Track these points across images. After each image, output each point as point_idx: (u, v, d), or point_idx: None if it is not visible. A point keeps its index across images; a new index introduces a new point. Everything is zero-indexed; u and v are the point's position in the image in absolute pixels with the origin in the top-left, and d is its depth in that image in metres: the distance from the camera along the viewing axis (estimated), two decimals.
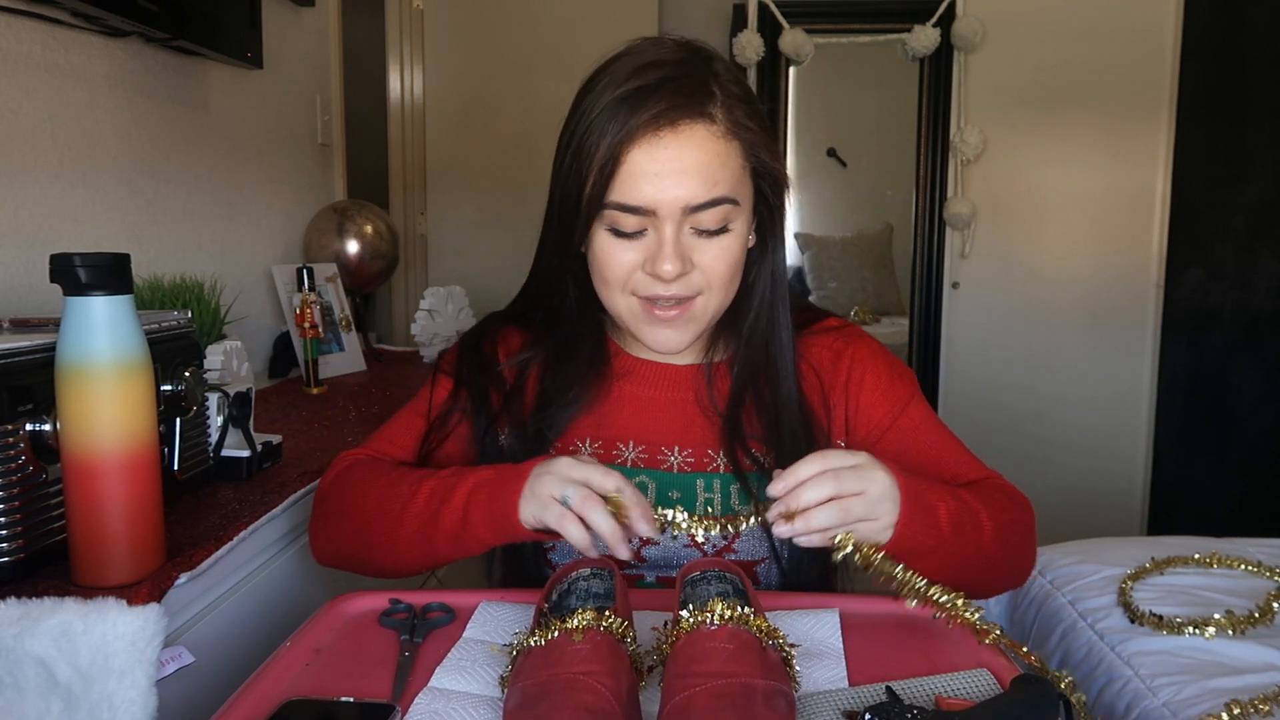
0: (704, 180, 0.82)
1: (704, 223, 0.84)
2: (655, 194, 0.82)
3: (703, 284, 0.87)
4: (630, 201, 0.82)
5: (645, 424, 0.95)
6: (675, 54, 0.84)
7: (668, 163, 0.81)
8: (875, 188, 3.34)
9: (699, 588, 0.73)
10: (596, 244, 0.87)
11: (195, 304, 1.38)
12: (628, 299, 0.88)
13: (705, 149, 0.82)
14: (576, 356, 0.95)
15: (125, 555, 0.78)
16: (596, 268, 0.89)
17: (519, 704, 0.58)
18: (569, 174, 0.86)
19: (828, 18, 2.85)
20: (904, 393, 0.96)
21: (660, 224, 0.83)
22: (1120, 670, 1.06)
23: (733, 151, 0.84)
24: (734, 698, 0.57)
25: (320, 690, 0.67)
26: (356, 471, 0.91)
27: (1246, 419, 2.74)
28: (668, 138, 0.81)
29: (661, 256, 0.83)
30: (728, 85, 0.84)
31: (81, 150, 1.40)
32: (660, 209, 0.82)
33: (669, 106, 0.81)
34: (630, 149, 0.81)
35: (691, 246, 0.85)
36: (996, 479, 0.95)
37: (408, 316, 2.89)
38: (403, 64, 2.94)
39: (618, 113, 0.81)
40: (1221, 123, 2.71)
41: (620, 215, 0.83)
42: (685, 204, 0.82)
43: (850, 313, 3.31)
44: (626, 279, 0.87)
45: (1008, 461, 3.28)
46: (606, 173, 0.82)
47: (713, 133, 0.82)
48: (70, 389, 0.75)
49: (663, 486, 0.94)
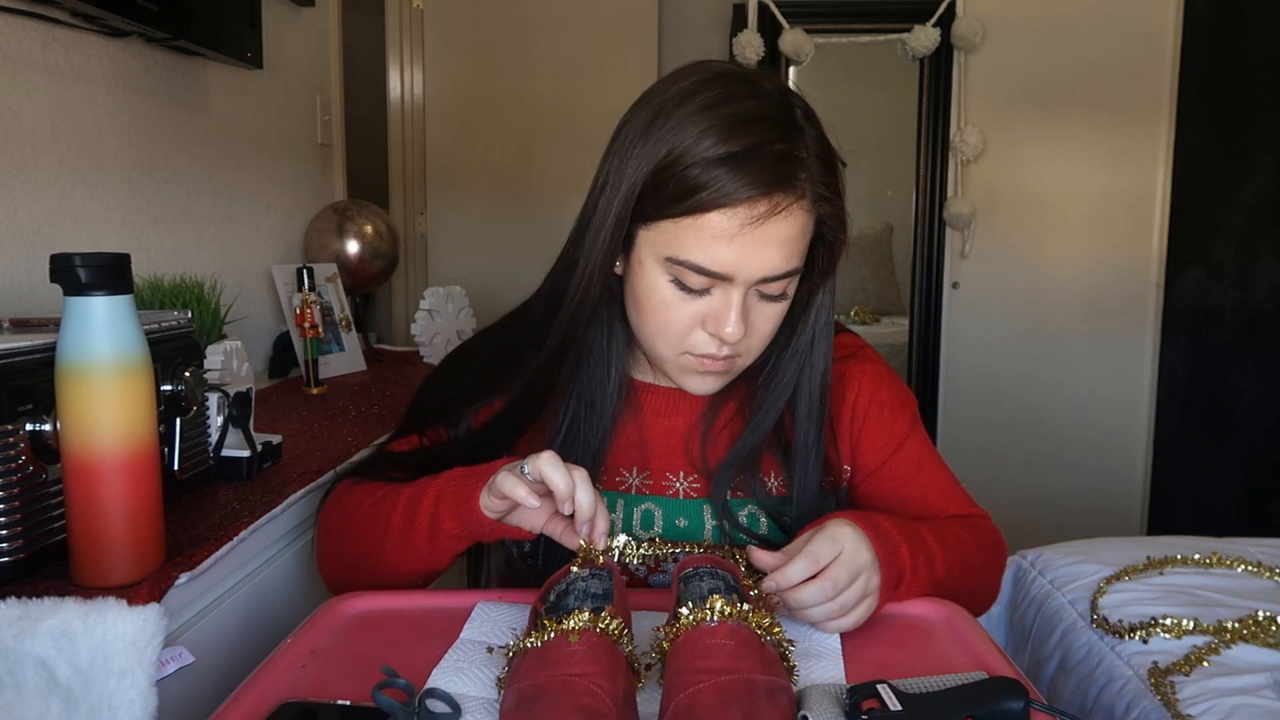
0: (785, 255, 0.81)
1: (770, 290, 0.83)
2: (736, 264, 0.80)
3: (745, 348, 0.86)
4: (710, 267, 0.80)
5: (649, 449, 0.94)
6: (769, 107, 0.80)
7: (755, 237, 0.79)
8: (875, 188, 3.34)
9: (692, 584, 0.73)
10: (655, 289, 0.84)
11: (195, 304, 1.38)
12: (672, 350, 0.86)
13: (793, 225, 0.80)
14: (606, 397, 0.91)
15: (125, 555, 0.78)
16: (649, 313, 0.85)
17: (515, 705, 0.58)
18: (636, 201, 0.82)
19: (828, 18, 2.85)
20: (904, 426, 0.97)
21: (731, 290, 0.82)
22: (1120, 670, 1.06)
23: (812, 222, 0.82)
24: (738, 693, 0.57)
25: (316, 692, 0.67)
26: (347, 497, 0.91)
27: (1246, 419, 2.74)
28: (763, 212, 0.78)
29: (726, 320, 0.82)
30: (814, 147, 0.81)
31: (81, 150, 1.40)
32: (738, 277, 0.81)
33: (770, 183, 0.78)
34: (722, 213, 0.78)
35: (750, 308, 0.84)
36: (980, 518, 0.97)
37: (408, 316, 2.89)
38: (403, 64, 2.95)
39: (713, 176, 0.78)
40: (1221, 123, 2.70)
41: (691, 274, 0.81)
42: (764, 275, 0.81)
43: (850, 313, 3.32)
44: (684, 335, 0.84)
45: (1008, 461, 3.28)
46: (687, 227, 0.79)
47: (803, 208, 0.80)
48: (70, 389, 0.75)
49: (669, 513, 0.93)
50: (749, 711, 0.56)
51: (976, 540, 0.92)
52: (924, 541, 0.84)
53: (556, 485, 0.73)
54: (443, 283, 2.09)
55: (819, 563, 0.75)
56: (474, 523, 0.79)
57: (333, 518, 0.91)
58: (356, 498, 0.90)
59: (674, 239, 0.80)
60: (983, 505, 1.01)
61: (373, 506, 0.87)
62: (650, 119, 0.82)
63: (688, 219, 0.79)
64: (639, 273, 0.84)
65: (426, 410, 0.97)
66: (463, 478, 0.81)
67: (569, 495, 0.73)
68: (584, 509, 0.74)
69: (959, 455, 2.90)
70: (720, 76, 0.82)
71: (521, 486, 0.73)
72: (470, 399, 0.94)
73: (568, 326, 0.87)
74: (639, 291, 0.85)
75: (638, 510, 0.93)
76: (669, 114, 0.80)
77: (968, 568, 0.89)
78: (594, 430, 0.91)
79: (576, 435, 0.91)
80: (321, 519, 0.93)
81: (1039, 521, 2.83)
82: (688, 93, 0.81)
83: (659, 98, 0.82)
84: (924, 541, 0.84)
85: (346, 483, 0.94)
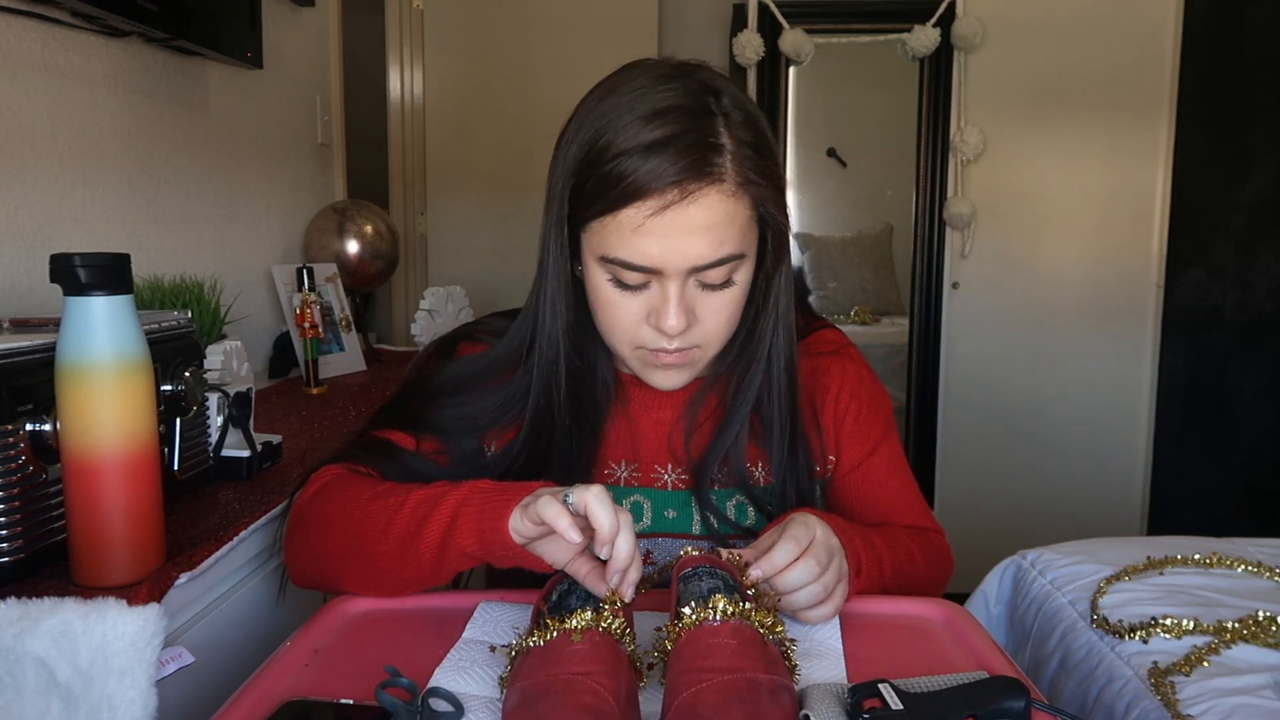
0: (711, 241, 0.80)
1: (709, 278, 0.83)
2: (661, 256, 0.80)
3: (702, 339, 0.86)
4: (636, 261, 0.80)
5: (638, 442, 0.94)
6: (685, 97, 0.80)
7: (675, 227, 0.79)
8: (875, 188, 3.34)
9: (692, 584, 0.73)
10: (599, 289, 0.85)
11: (195, 304, 1.38)
12: (629, 347, 0.87)
13: (714, 210, 0.79)
14: (594, 388, 0.92)
15: (125, 555, 0.78)
16: (599, 314, 0.87)
17: (518, 704, 0.58)
18: (573, 203, 0.83)
19: (828, 18, 2.85)
20: (879, 431, 0.98)
21: (665, 282, 0.82)
22: (1120, 670, 1.06)
23: (741, 207, 0.81)
24: (741, 692, 0.57)
25: (319, 691, 0.67)
26: (336, 489, 0.85)
27: (1246, 419, 2.74)
28: (677, 205, 0.78)
29: (666, 313, 0.82)
30: (738, 131, 0.81)
31: (81, 150, 1.40)
32: (666, 269, 0.81)
33: (679, 171, 0.78)
34: (637, 206, 0.79)
35: (695, 299, 0.84)
36: (934, 534, 0.99)
37: (408, 316, 2.89)
38: (403, 64, 2.95)
39: (626, 168, 0.78)
40: (1221, 123, 2.70)
41: (624, 270, 0.82)
42: (691, 264, 0.81)
43: (850, 313, 3.31)
44: (633, 331, 0.85)
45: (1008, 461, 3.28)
46: (610, 224, 0.80)
47: (723, 192, 0.80)
48: (70, 389, 0.75)
49: (657, 505, 0.93)
50: (751, 710, 0.56)
51: (924, 553, 0.94)
52: (873, 543, 0.87)
53: (601, 525, 0.68)
54: (443, 283, 2.09)
55: (800, 546, 0.75)
56: (496, 544, 0.73)
57: (317, 504, 0.85)
58: (351, 488, 0.84)
59: (603, 238, 0.81)
60: (983, 505, 1.02)
61: (372, 500, 0.81)
62: (575, 123, 0.84)
63: (609, 216, 0.80)
64: (586, 275, 0.86)
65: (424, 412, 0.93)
66: (491, 493, 0.76)
67: (611, 539, 0.68)
68: (621, 558, 0.69)
69: (959, 455, 2.91)
70: (642, 71, 0.83)
71: (564, 516, 0.68)
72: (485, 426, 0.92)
73: (549, 335, 0.89)
74: (589, 293, 0.87)
75: (626, 502, 0.93)
76: (588, 115, 0.83)
77: (913, 577, 0.91)
78: (587, 433, 0.91)
79: (571, 439, 0.90)
80: (301, 503, 0.86)
81: (1039, 521, 2.83)
82: (607, 91, 0.83)
83: (583, 101, 0.85)
84: (873, 543, 0.87)
85: (336, 468, 0.88)
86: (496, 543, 0.73)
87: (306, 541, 0.85)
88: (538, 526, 0.70)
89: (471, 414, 0.92)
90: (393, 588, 0.81)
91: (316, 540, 0.83)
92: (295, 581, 0.88)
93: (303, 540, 0.85)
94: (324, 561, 0.83)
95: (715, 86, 0.82)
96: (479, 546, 0.75)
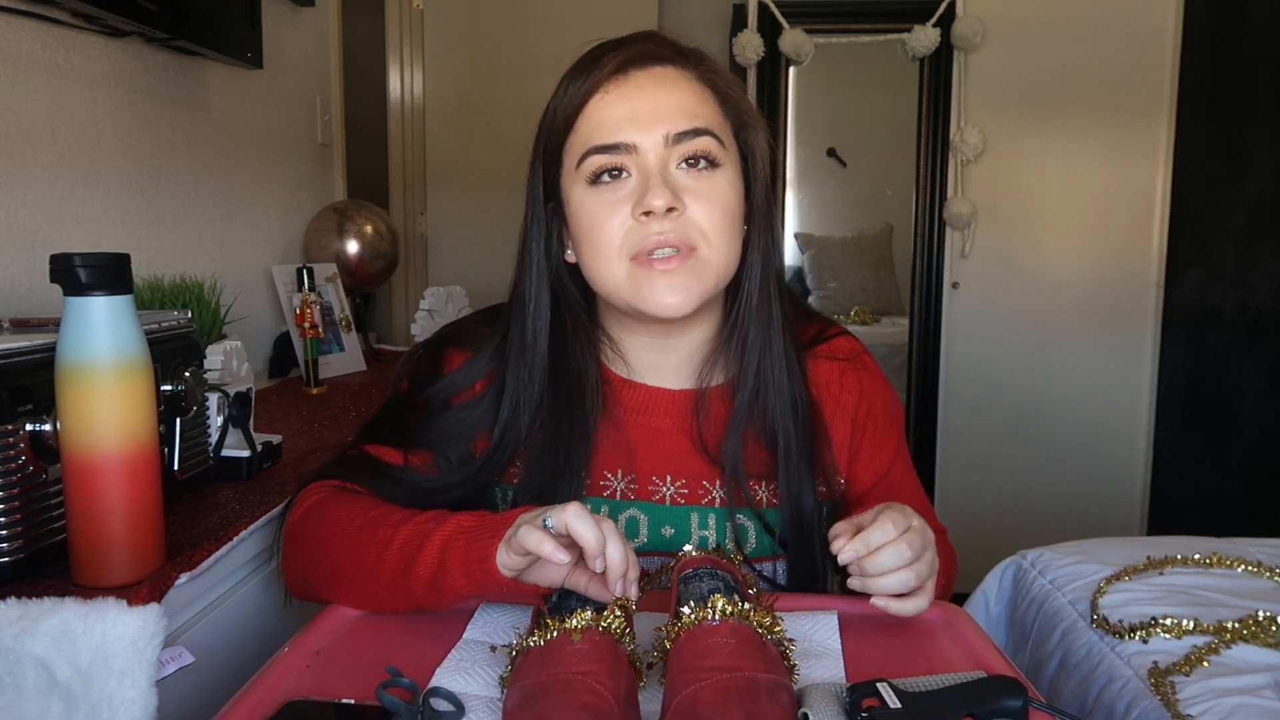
0: (684, 113, 0.79)
1: (690, 149, 0.80)
2: (631, 116, 0.78)
3: (697, 233, 0.81)
4: (606, 138, 0.79)
5: (635, 453, 0.90)
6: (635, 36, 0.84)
7: (643, 100, 0.78)
8: (875, 188, 3.34)
9: (692, 584, 0.73)
10: (580, 209, 0.82)
11: (195, 304, 1.38)
12: (624, 263, 0.82)
13: (681, 87, 0.79)
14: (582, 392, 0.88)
15: (125, 555, 0.78)
16: (585, 237, 0.83)
17: (518, 704, 0.58)
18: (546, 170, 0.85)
19: (828, 18, 2.85)
20: (895, 444, 0.97)
21: (644, 158, 0.79)
22: (1120, 670, 1.06)
23: (709, 98, 0.81)
24: (740, 692, 0.57)
25: (321, 691, 0.67)
26: (326, 510, 0.83)
27: (1246, 419, 2.74)
28: (638, 77, 0.79)
29: (650, 190, 0.78)
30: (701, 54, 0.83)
31: (81, 150, 1.40)
32: (640, 141, 0.79)
33: (636, 53, 0.79)
34: (601, 95, 0.79)
35: (680, 184, 0.80)
36: (941, 534, 0.98)
37: (408, 316, 2.89)
38: (403, 64, 2.95)
39: (579, 73, 0.80)
40: (1221, 122, 2.70)
41: (599, 159, 0.79)
42: (666, 132, 0.78)
43: (850, 313, 3.31)
44: (621, 237, 0.81)
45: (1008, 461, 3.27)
46: (577, 134, 0.80)
47: (686, 75, 0.80)
48: (70, 389, 0.75)
49: (654, 520, 0.89)
50: (751, 710, 0.56)
51: (948, 557, 0.94)
52: None
53: (587, 542, 0.67)
54: (443, 283, 2.09)
55: (897, 530, 0.73)
56: (489, 584, 0.72)
57: (310, 524, 0.83)
58: (342, 511, 0.82)
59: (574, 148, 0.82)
60: (983, 505, 1.02)
61: (362, 529, 0.79)
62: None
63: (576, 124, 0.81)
64: (571, 212, 0.85)
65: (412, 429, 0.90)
66: (473, 532, 0.73)
67: (599, 552, 0.67)
68: (615, 565, 0.68)
69: (959, 455, 2.91)
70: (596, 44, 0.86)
71: (548, 541, 0.66)
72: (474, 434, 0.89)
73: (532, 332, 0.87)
74: (578, 228, 0.84)
75: (622, 517, 0.90)
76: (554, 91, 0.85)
77: (948, 581, 0.92)
78: (577, 438, 0.87)
79: (560, 443, 0.87)
80: (292, 523, 0.85)
81: (1039, 521, 2.83)
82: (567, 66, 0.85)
83: None
84: None
85: (325, 487, 0.86)
86: (489, 583, 0.72)
87: (299, 561, 0.84)
88: (524, 557, 0.69)
89: (460, 426, 0.89)
90: (391, 610, 0.80)
91: (309, 561, 0.83)
92: (294, 595, 0.87)
93: (296, 560, 0.84)
94: (319, 582, 0.82)
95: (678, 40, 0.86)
96: (471, 588, 0.73)
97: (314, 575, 0.82)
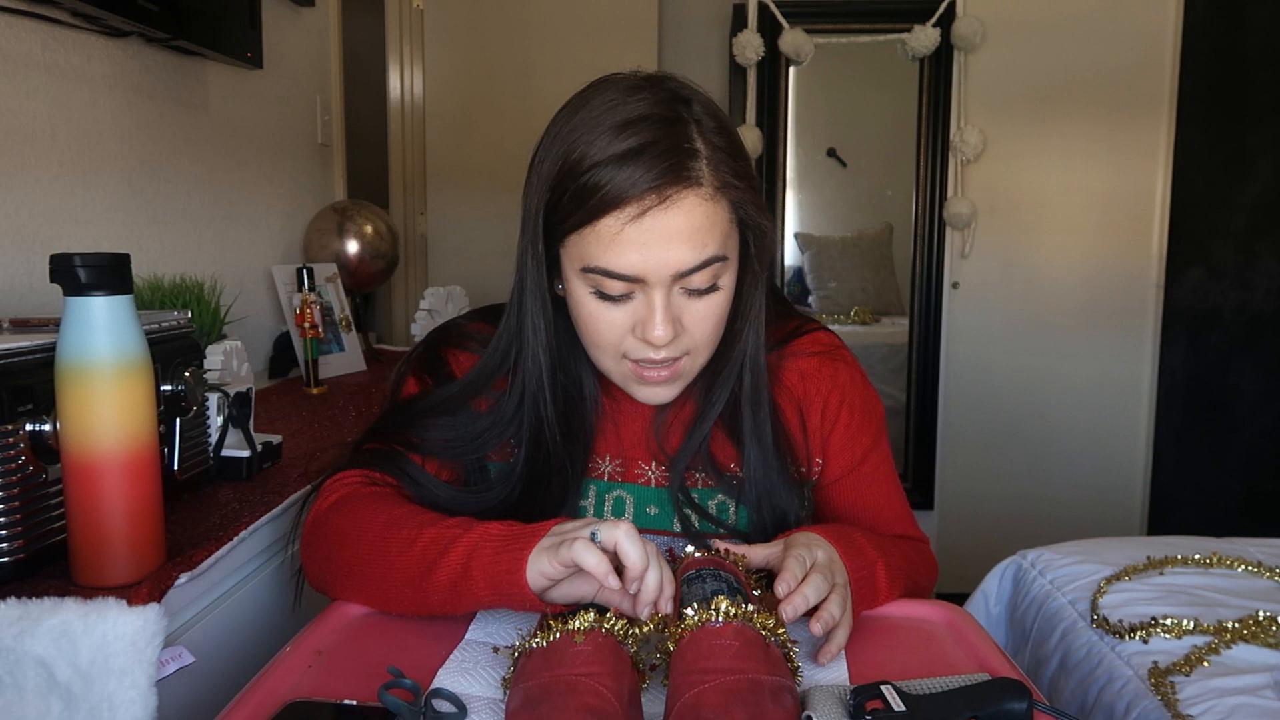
0: (693, 245, 0.80)
1: (694, 283, 0.82)
2: (644, 262, 0.79)
3: (690, 345, 0.85)
4: (617, 270, 0.80)
5: (622, 437, 0.94)
6: (655, 106, 0.80)
7: (656, 233, 0.78)
8: (875, 188, 3.34)
9: (695, 586, 0.73)
10: (581, 303, 0.84)
11: (195, 304, 1.38)
12: (619, 363, 0.86)
13: (694, 214, 0.79)
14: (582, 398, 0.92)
15: (125, 555, 0.78)
16: (583, 328, 0.86)
17: (520, 705, 0.58)
18: (548, 220, 0.83)
19: (828, 18, 2.85)
20: (870, 438, 0.98)
21: (650, 290, 0.81)
22: (1120, 670, 1.06)
23: (720, 210, 0.81)
24: (743, 693, 0.57)
25: (322, 692, 0.67)
26: (354, 503, 0.85)
27: (1246, 419, 2.74)
28: (655, 210, 0.78)
29: (652, 323, 0.81)
30: (711, 137, 0.81)
31: (81, 150, 1.40)
32: (649, 276, 0.80)
33: (656, 176, 0.78)
34: (616, 215, 0.78)
35: (680, 307, 0.83)
36: (921, 543, 0.99)
37: (408, 316, 2.89)
38: (403, 64, 2.94)
39: (601, 178, 0.78)
40: (1221, 123, 2.71)
41: (605, 280, 0.81)
42: (675, 270, 0.80)
43: (850, 313, 3.31)
44: (618, 343, 0.84)
45: (1008, 461, 3.27)
46: (590, 235, 0.80)
47: (700, 196, 0.79)
48: (70, 389, 0.75)
49: (640, 501, 0.93)
50: (754, 712, 0.56)
51: (923, 563, 0.95)
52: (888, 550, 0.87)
53: (633, 564, 0.68)
54: (443, 283, 2.09)
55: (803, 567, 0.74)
56: (515, 596, 0.72)
57: (335, 518, 0.84)
58: (367, 508, 0.83)
59: (583, 250, 0.81)
60: (983, 505, 1.02)
61: (385, 528, 0.80)
62: (549, 139, 0.84)
63: (588, 228, 0.80)
64: (569, 291, 0.86)
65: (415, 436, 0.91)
66: (501, 542, 0.74)
67: (642, 575, 0.69)
68: (649, 592, 0.69)
69: (959, 455, 2.91)
70: (610, 84, 0.83)
71: (605, 563, 0.68)
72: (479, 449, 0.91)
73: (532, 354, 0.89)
74: (572, 309, 0.86)
75: (609, 497, 0.94)
76: (560, 132, 0.83)
77: (919, 587, 0.92)
78: (579, 448, 0.91)
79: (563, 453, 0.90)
80: (318, 513, 0.86)
81: (1039, 521, 2.83)
82: (577, 107, 0.83)
83: (554, 119, 0.85)
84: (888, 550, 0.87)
85: (353, 476, 0.88)
86: (515, 595, 0.72)
87: (321, 552, 0.85)
88: (567, 569, 0.70)
89: (463, 438, 0.91)
90: (404, 612, 0.80)
91: (330, 553, 0.83)
92: (313, 587, 0.88)
93: (318, 552, 0.85)
94: (338, 576, 0.83)
95: (685, 95, 0.83)
96: (494, 597, 0.73)
97: (331, 567, 0.83)
